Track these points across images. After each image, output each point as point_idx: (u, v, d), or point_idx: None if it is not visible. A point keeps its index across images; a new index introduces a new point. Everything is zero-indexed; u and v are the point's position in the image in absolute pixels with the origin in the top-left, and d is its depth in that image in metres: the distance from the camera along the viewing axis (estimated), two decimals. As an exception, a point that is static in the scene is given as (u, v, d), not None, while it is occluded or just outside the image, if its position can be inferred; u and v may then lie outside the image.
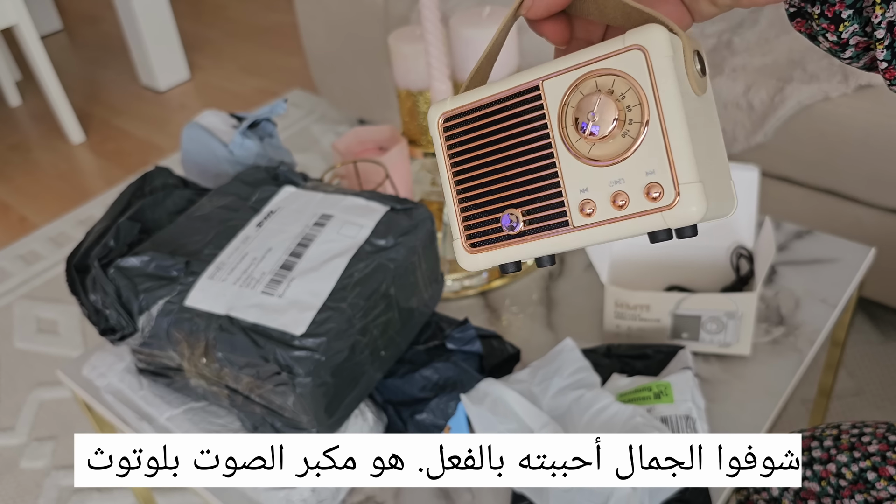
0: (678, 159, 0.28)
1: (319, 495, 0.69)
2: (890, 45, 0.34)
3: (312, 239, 0.73)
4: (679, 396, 0.69)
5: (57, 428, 1.49)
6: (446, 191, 0.33)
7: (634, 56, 0.28)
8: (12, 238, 2.08)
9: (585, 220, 0.30)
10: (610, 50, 0.29)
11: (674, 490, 0.64)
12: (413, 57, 0.91)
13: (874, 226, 1.27)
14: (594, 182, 0.30)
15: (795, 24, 0.39)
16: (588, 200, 0.30)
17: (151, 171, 0.88)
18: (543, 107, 0.30)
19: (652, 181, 0.28)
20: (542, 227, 0.31)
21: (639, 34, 0.28)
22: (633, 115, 0.28)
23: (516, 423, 0.69)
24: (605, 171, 0.29)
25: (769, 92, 1.25)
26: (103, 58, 3.00)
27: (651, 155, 0.28)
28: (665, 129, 0.28)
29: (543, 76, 0.30)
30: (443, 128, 0.33)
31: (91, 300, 0.76)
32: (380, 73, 1.85)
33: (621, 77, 0.29)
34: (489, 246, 0.33)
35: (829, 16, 0.36)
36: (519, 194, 0.31)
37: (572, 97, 0.30)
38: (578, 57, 0.30)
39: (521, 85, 0.31)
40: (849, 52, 0.37)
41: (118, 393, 0.81)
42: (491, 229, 0.32)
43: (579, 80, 0.29)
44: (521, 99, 0.31)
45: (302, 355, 0.64)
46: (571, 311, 0.89)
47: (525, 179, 0.31)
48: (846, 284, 0.86)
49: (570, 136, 0.30)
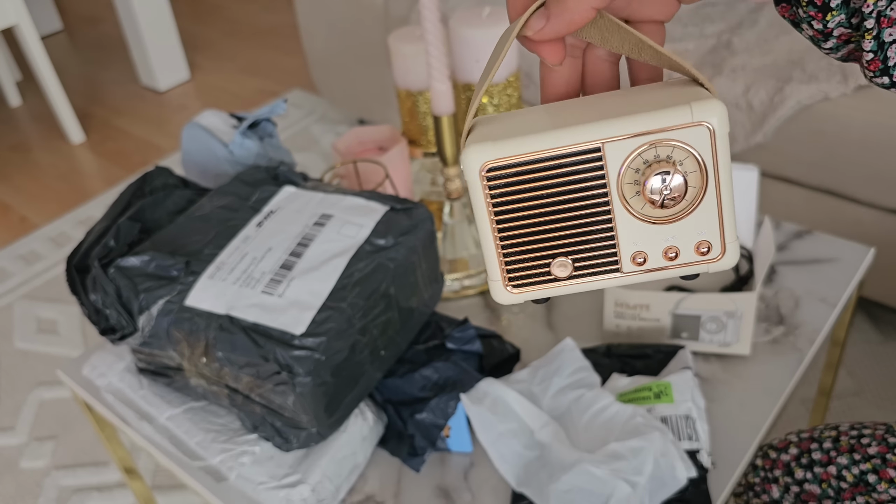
0: (726, 222, 0.32)
1: (319, 495, 0.69)
2: (877, 35, 0.34)
3: (312, 239, 0.73)
4: (679, 396, 0.69)
5: (57, 428, 1.50)
6: (484, 233, 0.33)
7: (700, 132, 0.30)
8: (12, 238, 2.08)
9: (635, 268, 0.33)
10: (676, 123, 0.30)
11: (674, 490, 0.64)
12: (413, 57, 0.91)
13: (874, 225, 1.27)
14: (648, 237, 0.32)
15: (780, 9, 0.39)
16: (641, 252, 0.32)
17: (151, 171, 0.88)
18: (604, 168, 0.31)
19: (703, 239, 0.32)
20: (590, 273, 0.33)
21: (705, 111, 0.30)
22: (692, 181, 0.31)
23: (516, 422, 0.69)
24: (660, 228, 0.32)
25: (769, 92, 1.25)
26: (103, 58, 3.01)
27: (705, 217, 0.31)
28: (720, 196, 0.31)
29: (605, 139, 0.31)
30: (486, 178, 0.32)
31: (91, 300, 0.76)
32: (380, 74, 1.86)
33: (684, 148, 0.31)
34: (531, 287, 0.33)
35: (818, 4, 0.36)
36: (570, 245, 0.32)
37: (634, 160, 0.31)
38: (641, 122, 0.31)
39: (582, 144, 0.31)
40: (830, 43, 0.38)
41: (118, 392, 0.81)
42: (536, 273, 0.33)
43: (642, 147, 0.31)
44: (580, 158, 0.31)
45: (302, 355, 0.64)
46: (571, 311, 0.89)
47: (578, 232, 0.32)
48: (846, 284, 0.86)
49: (626, 196, 0.31)
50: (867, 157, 1.21)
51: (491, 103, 0.90)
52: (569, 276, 0.33)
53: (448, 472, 0.73)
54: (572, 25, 0.33)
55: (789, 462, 0.70)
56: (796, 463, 0.70)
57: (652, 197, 0.31)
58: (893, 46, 0.35)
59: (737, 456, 0.70)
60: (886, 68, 0.36)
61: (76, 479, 1.39)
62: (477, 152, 0.31)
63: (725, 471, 0.69)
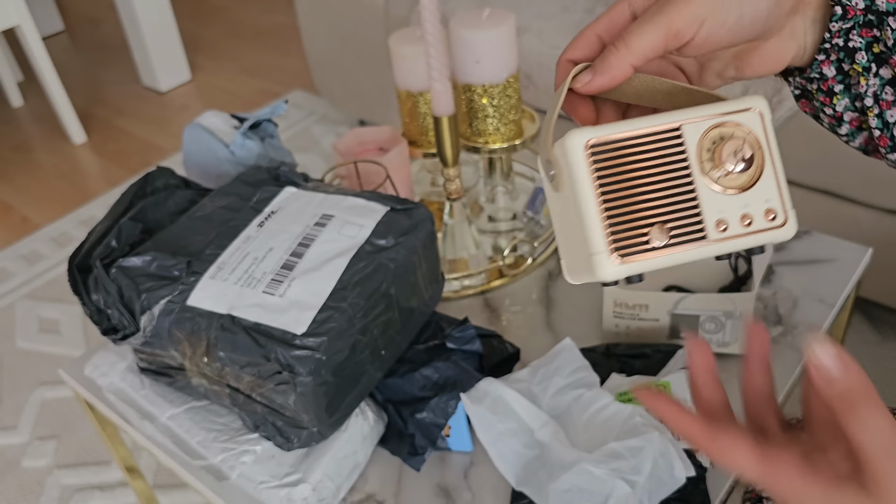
0: (784, 192, 0.38)
1: (320, 494, 0.69)
2: (879, 113, 0.40)
3: (313, 239, 0.73)
4: (678, 395, 0.70)
5: (59, 427, 1.50)
6: (586, 207, 0.37)
7: (753, 116, 0.38)
8: (14, 238, 2.09)
9: (720, 235, 0.37)
10: (734, 108, 0.38)
11: (673, 489, 0.65)
12: (413, 58, 0.92)
13: (872, 226, 1.27)
14: (726, 205, 0.38)
15: (801, 105, 0.45)
16: (722, 220, 0.37)
17: (153, 172, 0.88)
18: (683, 144, 0.37)
19: (769, 206, 0.38)
20: (684, 241, 0.37)
21: (754, 101, 0.38)
22: (754, 149, 0.38)
23: (516, 422, 0.70)
24: (735, 197, 0.38)
25: (767, 93, 1.26)
26: (105, 59, 3.01)
27: (768, 187, 0.38)
28: (776, 169, 0.38)
29: (683, 120, 0.38)
30: (591, 152, 0.37)
31: (93, 300, 0.77)
32: (380, 75, 1.86)
33: (742, 128, 0.38)
34: (635, 257, 0.37)
35: (825, 90, 0.42)
36: (663, 213, 0.37)
37: (705, 139, 0.38)
38: (704, 110, 0.38)
39: (666, 124, 0.37)
40: (844, 129, 0.44)
41: (120, 392, 0.81)
42: (638, 242, 0.37)
43: (711, 128, 0.38)
44: (665, 136, 0.37)
45: (303, 354, 0.64)
46: (571, 311, 0.89)
47: (668, 202, 0.37)
48: (844, 284, 0.86)
49: (704, 168, 0.37)
50: (865, 158, 1.21)
51: (491, 104, 0.90)
52: (665, 244, 0.37)
53: (448, 472, 0.73)
54: (614, 80, 0.39)
55: None
56: None
57: (726, 164, 0.37)
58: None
59: (735, 455, 0.71)
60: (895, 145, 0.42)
61: (78, 479, 1.40)
62: (580, 133, 0.37)
63: (724, 470, 0.70)
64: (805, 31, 0.41)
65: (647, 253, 0.37)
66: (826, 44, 0.41)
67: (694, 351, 0.40)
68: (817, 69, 0.42)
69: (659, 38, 0.38)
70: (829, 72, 0.42)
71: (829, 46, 0.41)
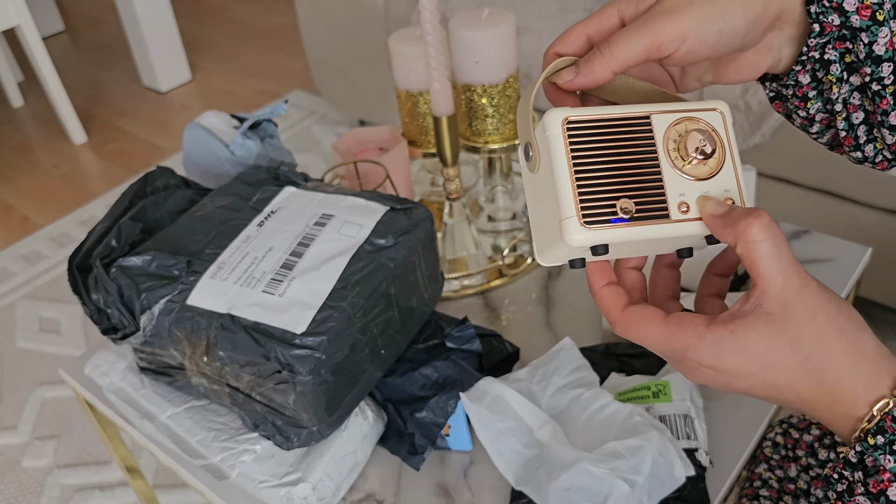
0: (742, 185, 0.42)
1: (320, 493, 0.69)
2: (846, 117, 0.45)
3: (313, 238, 0.73)
4: (677, 395, 0.70)
5: (59, 427, 1.50)
6: (560, 176, 0.40)
7: (716, 115, 0.42)
8: (15, 238, 2.09)
9: (681, 216, 0.41)
10: (699, 107, 0.42)
11: (672, 489, 0.65)
12: (413, 58, 0.92)
13: (871, 226, 1.28)
14: (689, 190, 0.41)
15: (775, 106, 0.49)
16: (684, 202, 0.41)
17: (153, 172, 0.88)
18: (652, 131, 0.41)
19: (728, 196, 0.41)
20: (648, 216, 0.40)
21: (717, 103, 0.43)
22: (717, 152, 0.42)
23: (515, 421, 0.70)
24: (697, 184, 0.41)
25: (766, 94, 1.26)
26: (105, 59, 3.01)
27: (727, 178, 0.42)
28: (735, 165, 0.42)
29: (652, 111, 0.42)
30: (567, 127, 0.41)
31: (93, 299, 0.77)
32: (380, 75, 1.86)
33: (706, 125, 0.42)
34: (601, 226, 0.40)
35: (800, 95, 0.46)
36: (631, 189, 0.41)
37: (672, 130, 0.42)
38: (673, 105, 0.42)
39: (637, 113, 0.42)
40: (815, 128, 0.47)
41: (120, 392, 0.81)
42: (606, 212, 0.40)
43: (678, 121, 0.42)
44: (636, 122, 0.41)
45: (302, 354, 0.64)
46: (570, 311, 0.89)
47: (636, 179, 0.41)
48: (843, 284, 0.86)
49: (670, 155, 0.41)
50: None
51: (491, 104, 0.91)
52: (630, 217, 0.40)
53: (448, 471, 0.74)
54: (595, 82, 0.42)
55: (812, 442, 0.71)
56: (819, 444, 0.70)
57: (689, 153, 0.41)
58: (861, 127, 0.45)
59: (735, 454, 0.71)
60: (858, 145, 0.46)
61: (78, 478, 1.40)
62: (558, 111, 0.41)
63: (723, 469, 0.70)
64: (781, 46, 0.44)
65: (611, 224, 0.40)
66: (803, 56, 0.44)
67: None
68: (793, 78, 0.45)
69: (642, 49, 0.40)
70: (804, 79, 0.45)
71: (806, 59, 0.44)
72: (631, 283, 0.45)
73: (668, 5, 0.41)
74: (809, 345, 0.38)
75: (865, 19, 0.40)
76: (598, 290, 0.44)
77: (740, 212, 0.39)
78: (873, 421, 0.38)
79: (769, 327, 0.38)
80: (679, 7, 0.40)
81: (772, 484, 0.72)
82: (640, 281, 0.45)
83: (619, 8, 0.43)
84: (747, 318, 0.38)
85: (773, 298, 0.38)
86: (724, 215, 0.39)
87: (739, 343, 0.38)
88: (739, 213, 0.39)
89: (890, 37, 0.40)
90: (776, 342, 0.38)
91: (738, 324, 0.38)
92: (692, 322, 0.40)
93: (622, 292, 0.44)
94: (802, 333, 0.37)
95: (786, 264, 0.37)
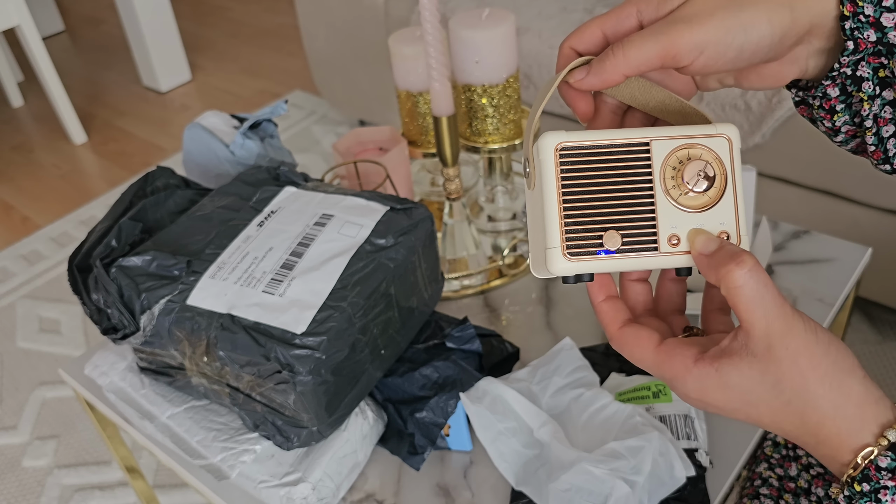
0: (741, 218, 0.40)
1: (320, 493, 0.69)
2: (876, 132, 0.43)
3: (313, 238, 0.73)
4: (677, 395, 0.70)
5: (59, 427, 1.50)
6: (549, 204, 0.39)
7: (722, 142, 0.40)
8: (15, 238, 2.09)
9: (670, 249, 0.40)
10: (705, 132, 0.40)
11: (672, 489, 0.65)
12: (413, 58, 0.92)
13: (871, 226, 1.28)
14: (682, 222, 0.40)
15: (800, 110, 0.47)
16: (675, 234, 0.40)
17: (153, 172, 0.88)
18: (650, 158, 0.39)
19: (723, 229, 0.40)
20: (635, 249, 0.40)
21: (726, 129, 0.40)
22: (716, 173, 0.40)
23: (515, 421, 0.70)
24: (692, 215, 0.40)
25: (767, 93, 1.26)
26: (105, 59, 3.01)
27: (725, 211, 0.40)
28: (736, 196, 0.40)
29: (653, 137, 0.40)
30: (559, 154, 0.39)
31: (93, 299, 0.77)
32: (380, 75, 1.86)
33: (710, 152, 0.40)
34: (584, 258, 0.39)
35: (826, 108, 0.44)
36: (620, 220, 0.39)
37: (672, 158, 0.40)
38: (677, 130, 0.40)
39: (636, 138, 0.40)
40: (840, 137, 0.46)
41: (120, 392, 0.81)
42: (592, 244, 0.39)
43: (679, 148, 0.40)
44: (633, 148, 0.40)
45: (303, 354, 0.64)
46: (570, 311, 0.89)
47: (627, 210, 0.39)
48: (843, 284, 0.86)
49: (666, 184, 0.39)
50: (864, 158, 1.21)
51: (491, 104, 0.91)
52: (617, 249, 0.39)
53: (448, 471, 0.74)
54: (605, 84, 0.40)
55: None
56: None
57: (687, 183, 0.39)
58: (891, 140, 0.43)
59: (735, 455, 0.71)
60: (887, 158, 0.44)
61: (78, 478, 1.40)
62: (553, 135, 0.39)
63: (724, 469, 0.70)
64: (809, 57, 0.42)
65: (595, 256, 0.39)
66: (834, 72, 0.42)
67: None
68: (821, 91, 0.43)
69: (656, 56, 0.39)
70: (832, 93, 0.43)
71: (837, 74, 0.42)
72: (634, 297, 0.44)
73: (689, 12, 0.39)
74: (791, 389, 0.38)
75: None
76: (597, 304, 0.43)
77: (725, 254, 0.38)
78: (858, 469, 0.38)
79: (753, 368, 0.38)
80: (699, 16, 0.39)
81: (772, 482, 0.72)
82: (644, 293, 0.44)
83: (638, 8, 0.41)
84: (733, 357, 0.38)
85: (757, 340, 0.37)
86: (711, 255, 0.39)
87: (724, 381, 0.38)
88: (724, 255, 0.38)
89: None
90: (759, 383, 0.38)
91: (724, 363, 0.38)
92: (681, 355, 0.40)
93: (622, 307, 0.43)
94: (784, 377, 0.37)
95: (769, 308, 0.37)
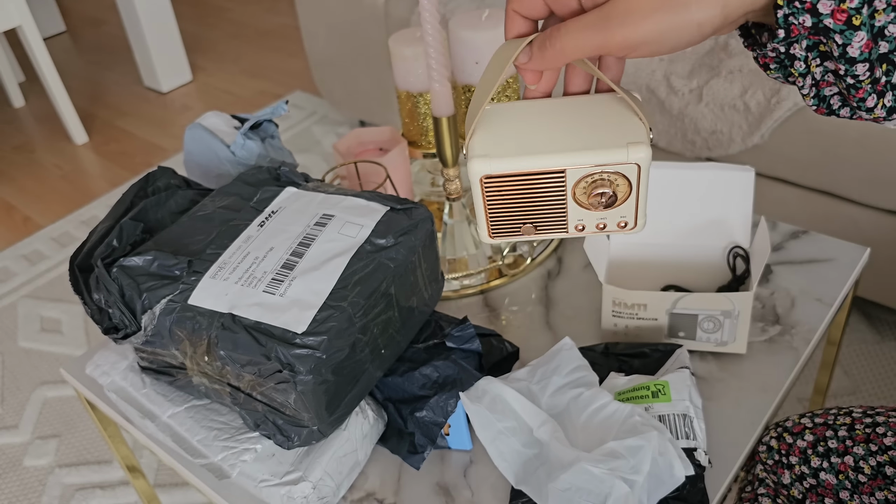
0: (641, 208, 0.47)
1: (320, 492, 0.69)
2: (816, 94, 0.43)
3: (313, 238, 0.74)
4: (676, 395, 0.70)
5: (60, 426, 1.50)
6: (479, 211, 0.48)
7: (632, 168, 0.45)
8: (16, 238, 2.09)
9: (576, 232, 0.49)
10: (617, 160, 0.45)
11: (671, 488, 0.65)
12: (413, 59, 0.92)
13: (869, 226, 1.28)
14: (587, 217, 0.48)
15: None
16: (581, 222, 0.48)
17: (154, 172, 0.89)
18: (565, 182, 0.46)
19: (625, 220, 0.48)
20: (547, 232, 0.49)
21: (636, 153, 0.45)
22: (622, 193, 0.46)
23: (515, 420, 0.70)
24: (595, 213, 0.48)
25: (766, 94, 1.26)
26: (106, 59, 3.02)
27: (627, 208, 0.47)
28: (638, 199, 0.47)
29: (569, 166, 0.46)
30: (484, 184, 0.47)
31: (94, 299, 0.77)
32: (380, 75, 1.86)
33: (619, 176, 0.46)
34: (505, 236, 0.49)
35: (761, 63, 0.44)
36: (535, 220, 0.48)
37: (583, 181, 0.46)
38: (593, 157, 0.45)
39: (553, 168, 0.46)
40: None
41: (121, 391, 0.81)
42: (510, 231, 0.49)
43: (591, 174, 0.46)
44: (550, 175, 0.46)
45: (303, 353, 0.64)
46: (570, 311, 0.89)
47: (542, 213, 0.48)
48: (842, 284, 0.87)
49: (577, 197, 0.47)
50: (863, 158, 1.22)
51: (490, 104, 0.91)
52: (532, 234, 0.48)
53: (448, 470, 0.74)
54: (546, 69, 0.46)
55: (806, 449, 0.71)
56: (812, 451, 0.70)
57: (594, 201, 0.47)
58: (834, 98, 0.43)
59: (734, 454, 0.71)
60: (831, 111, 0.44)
61: (79, 477, 1.40)
62: (479, 165, 0.46)
63: (722, 469, 0.70)
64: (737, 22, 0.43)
65: (514, 233, 0.49)
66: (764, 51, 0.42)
67: None
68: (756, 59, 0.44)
69: (591, 48, 0.42)
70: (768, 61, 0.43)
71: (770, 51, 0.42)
72: None
73: (625, 8, 0.40)
74: None
75: (840, 23, 0.38)
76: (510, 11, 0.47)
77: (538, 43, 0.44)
78: None
79: None
80: (634, 16, 0.40)
81: (768, 483, 0.72)
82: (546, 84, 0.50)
83: None
84: None
85: None
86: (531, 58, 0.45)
87: None
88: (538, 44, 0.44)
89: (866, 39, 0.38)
90: None
91: None
92: None
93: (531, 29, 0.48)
94: None
95: None
